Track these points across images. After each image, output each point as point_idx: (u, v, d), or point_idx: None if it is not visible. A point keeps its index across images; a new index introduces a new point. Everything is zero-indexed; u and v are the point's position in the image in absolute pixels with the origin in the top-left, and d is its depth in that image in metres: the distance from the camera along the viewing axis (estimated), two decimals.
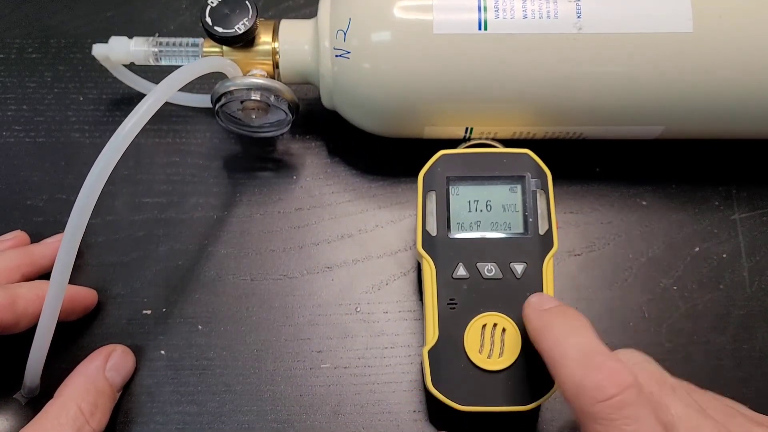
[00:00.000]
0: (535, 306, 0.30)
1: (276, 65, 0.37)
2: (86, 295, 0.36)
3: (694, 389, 0.28)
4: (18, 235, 0.37)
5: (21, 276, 0.35)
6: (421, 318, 0.36)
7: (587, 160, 0.40)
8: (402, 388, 0.35)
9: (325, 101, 0.37)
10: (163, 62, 0.38)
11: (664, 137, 0.38)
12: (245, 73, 0.37)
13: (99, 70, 0.40)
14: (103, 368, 0.33)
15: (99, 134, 0.41)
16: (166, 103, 0.32)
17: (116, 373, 0.34)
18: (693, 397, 0.27)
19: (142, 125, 0.30)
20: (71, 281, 0.30)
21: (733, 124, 0.36)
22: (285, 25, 0.37)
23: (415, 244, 0.35)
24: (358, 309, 0.37)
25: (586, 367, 0.25)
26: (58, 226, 0.39)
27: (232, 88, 0.35)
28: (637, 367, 0.27)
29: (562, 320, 0.28)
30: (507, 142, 0.38)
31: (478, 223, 0.34)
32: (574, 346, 0.26)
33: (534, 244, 0.33)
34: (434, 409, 0.35)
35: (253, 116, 0.37)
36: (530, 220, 0.33)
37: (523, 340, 0.32)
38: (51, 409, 0.30)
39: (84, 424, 0.30)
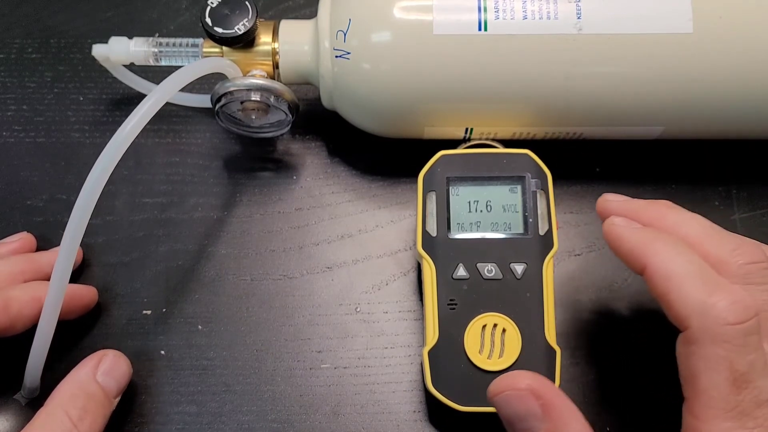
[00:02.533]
0: (624, 224, 0.29)
1: (276, 66, 0.37)
2: (86, 293, 0.36)
3: None
4: (23, 238, 0.37)
5: (24, 282, 0.34)
6: (421, 318, 0.36)
7: (587, 160, 0.40)
8: (402, 388, 0.35)
9: (325, 102, 0.37)
10: (163, 62, 0.38)
11: (664, 137, 0.38)
12: (245, 74, 0.37)
13: (99, 70, 0.40)
14: (94, 373, 0.32)
15: (99, 134, 0.41)
16: (167, 103, 0.32)
17: (109, 378, 0.33)
18: None
19: (143, 126, 0.30)
20: (71, 281, 0.30)
21: (733, 124, 0.36)
22: (285, 25, 0.37)
23: (415, 244, 0.35)
24: (358, 309, 0.37)
25: (711, 287, 0.25)
26: (58, 226, 0.39)
27: (232, 89, 0.35)
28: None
29: (666, 238, 0.27)
30: (507, 143, 0.38)
31: (478, 223, 0.34)
32: (692, 263, 0.26)
33: (534, 245, 0.33)
34: (434, 410, 0.35)
35: (253, 117, 0.37)
36: (530, 220, 0.33)
37: (523, 341, 0.32)
38: (39, 416, 0.30)
39: (72, 429, 0.29)
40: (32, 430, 0.29)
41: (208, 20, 0.35)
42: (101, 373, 0.33)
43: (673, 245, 0.27)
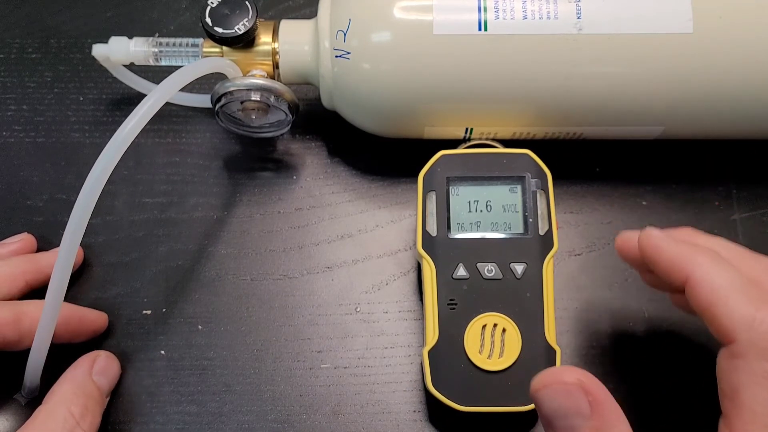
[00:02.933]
0: (660, 233, 0.28)
1: (276, 66, 0.37)
2: (96, 319, 0.36)
3: None
4: (24, 238, 0.37)
5: (25, 284, 0.34)
6: (421, 318, 0.36)
7: (587, 160, 0.40)
8: (402, 388, 0.35)
9: (325, 102, 0.37)
10: (163, 62, 0.38)
11: (664, 137, 0.38)
12: (245, 74, 0.37)
13: (99, 70, 0.40)
14: (90, 373, 0.33)
15: (99, 134, 0.41)
16: (167, 103, 0.32)
17: (103, 377, 0.33)
18: None
19: (143, 126, 0.30)
20: (71, 281, 0.30)
21: (732, 124, 0.36)
22: (285, 25, 0.37)
23: (415, 244, 0.35)
24: (358, 309, 0.37)
25: (759, 300, 0.24)
26: (58, 226, 0.39)
27: (232, 89, 0.35)
28: None
29: (706, 252, 0.27)
30: (507, 143, 0.38)
31: (478, 223, 0.34)
32: (737, 277, 0.25)
33: (534, 245, 0.33)
34: (434, 410, 0.35)
35: (253, 117, 0.37)
36: (530, 220, 0.33)
37: (523, 341, 0.32)
38: (40, 414, 0.30)
39: (75, 426, 0.30)
40: (34, 426, 0.30)
41: (208, 20, 0.35)
42: (96, 372, 0.33)
43: (716, 258, 0.26)
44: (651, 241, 0.28)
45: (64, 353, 0.34)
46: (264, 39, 0.37)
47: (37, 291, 0.35)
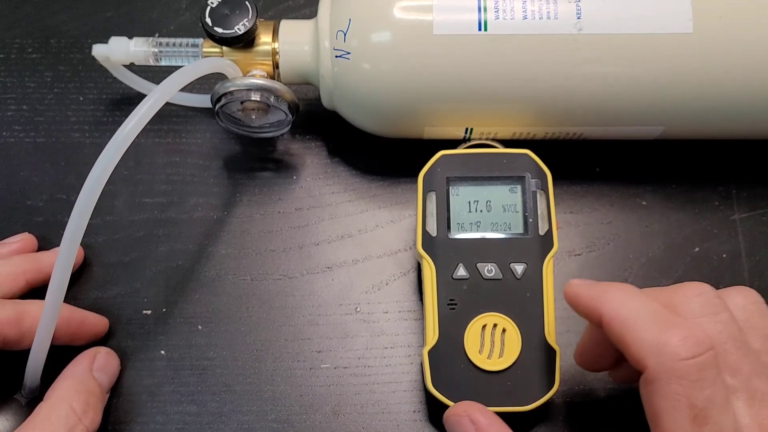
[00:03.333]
0: (580, 281, 0.29)
1: (276, 66, 0.37)
2: (96, 322, 0.36)
3: None
4: (25, 238, 0.37)
5: (26, 283, 0.34)
6: (421, 318, 0.36)
7: (587, 160, 0.40)
8: (402, 388, 0.35)
9: (325, 102, 0.37)
10: (163, 62, 0.38)
11: (664, 137, 0.38)
12: (245, 74, 0.37)
13: (99, 70, 0.40)
14: (91, 369, 0.33)
15: (99, 134, 0.41)
16: (167, 103, 0.32)
17: (103, 374, 0.34)
18: (763, 359, 0.26)
19: (143, 126, 0.30)
20: (71, 282, 0.30)
21: (733, 124, 0.36)
22: (285, 25, 0.37)
23: (415, 244, 0.35)
24: (358, 309, 0.37)
25: (665, 325, 0.25)
26: (58, 226, 0.39)
27: (232, 89, 0.35)
28: (721, 318, 0.26)
29: (617, 287, 0.28)
30: (507, 143, 0.38)
31: (478, 223, 0.34)
32: (643, 306, 0.26)
33: (534, 245, 0.33)
34: (434, 410, 0.35)
35: (253, 117, 0.37)
36: (530, 220, 0.33)
37: (523, 341, 0.32)
38: (41, 410, 0.30)
39: (77, 422, 0.30)
40: (36, 423, 0.30)
41: (208, 20, 0.35)
42: (96, 368, 0.33)
43: (625, 291, 0.27)
44: (569, 290, 0.29)
45: (64, 353, 0.34)
46: (264, 39, 0.37)
47: (37, 290, 0.35)
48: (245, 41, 0.36)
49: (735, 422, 0.24)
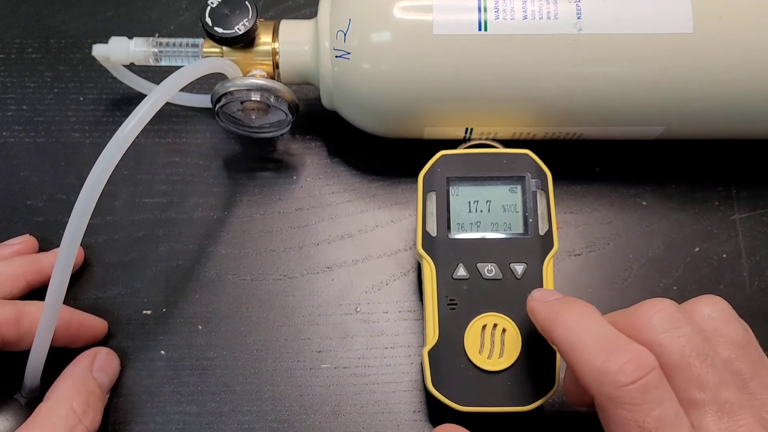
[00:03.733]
0: (539, 298, 0.29)
1: (276, 66, 0.37)
2: (95, 325, 0.36)
3: (741, 356, 0.26)
4: (25, 240, 0.37)
5: (26, 284, 0.34)
6: (421, 318, 0.36)
7: (587, 160, 0.40)
8: (402, 388, 0.35)
9: (325, 102, 0.37)
10: (163, 63, 0.38)
11: (664, 137, 0.38)
12: (245, 74, 0.37)
13: (99, 70, 0.40)
14: (91, 369, 0.33)
15: (99, 134, 0.41)
16: (167, 103, 0.32)
17: (103, 374, 0.34)
18: (734, 366, 0.26)
19: (143, 126, 0.30)
20: (71, 282, 0.30)
21: (733, 124, 0.36)
22: (285, 25, 0.37)
23: (415, 244, 0.35)
24: (358, 309, 0.37)
25: (606, 351, 0.25)
26: (58, 226, 0.39)
27: (232, 89, 0.35)
28: (683, 332, 0.26)
29: (571, 308, 0.27)
30: (507, 143, 0.38)
31: (478, 223, 0.34)
32: (590, 331, 0.26)
33: (534, 245, 0.33)
34: (434, 410, 0.35)
35: (253, 117, 0.37)
36: (530, 220, 0.33)
37: (523, 341, 0.32)
38: (42, 410, 0.30)
39: (77, 422, 0.30)
40: (36, 423, 0.30)
41: (208, 20, 0.35)
42: (96, 369, 0.33)
43: (577, 313, 0.27)
44: (529, 305, 0.29)
45: (64, 354, 0.34)
46: (264, 39, 0.37)
47: (38, 291, 0.35)
48: (245, 41, 0.36)
49: None
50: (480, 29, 0.33)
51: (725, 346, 0.26)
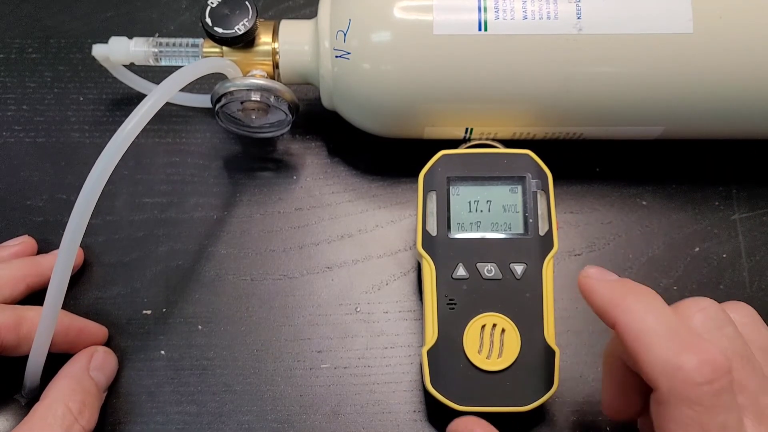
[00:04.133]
0: (597, 276, 0.28)
1: (276, 66, 0.37)
2: (95, 331, 0.36)
3: None
4: (25, 241, 0.37)
5: (26, 287, 0.34)
6: (421, 318, 0.36)
7: (587, 160, 0.40)
8: (402, 388, 0.35)
9: (325, 102, 0.37)
10: (163, 62, 0.38)
11: (664, 137, 0.38)
12: (245, 74, 0.37)
13: (99, 70, 0.40)
14: (87, 368, 0.33)
15: (99, 134, 0.41)
16: (167, 103, 0.32)
17: (100, 373, 0.34)
18: (765, 372, 0.25)
19: (143, 126, 0.30)
20: (71, 282, 0.30)
21: (733, 124, 0.36)
22: (285, 25, 0.37)
23: (415, 244, 0.35)
24: (358, 309, 0.37)
25: (681, 345, 0.24)
26: (58, 226, 0.39)
27: (232, 89, 0.35)
28: (726, 333, 0.25)
29: (639, 292, 0.26)
30: (507, 143, 0.38)
31: (479, 223, 0.34)
32: (662, 320, 0.25)
33: (534, 245, 0.33)
34: (434, 410, 0.35)
35: (253, 117, 0.37)
36: (530, 220, 0.33)
37: (522, 341, 0.32)
38: (38, 410, 0.30)
39: (73, 422, 0.30)
40: (33, 422, 0.30)
41: (208, 20, 0.35)
42: (93, 368, 0.33)
43: (645, 300, 0.26)
44: (585, 282, 0.28)
45: (64, 354, 0.34)
46: (264, 39, 0.37)
47: (38, 294, 0.35)
48: (245, 41, 0.36)
49: None
50: (480, 29, 0.33)
51: (755, 352, 0.26)
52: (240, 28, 0.35)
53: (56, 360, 0.33)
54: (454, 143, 0.38)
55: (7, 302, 0.33)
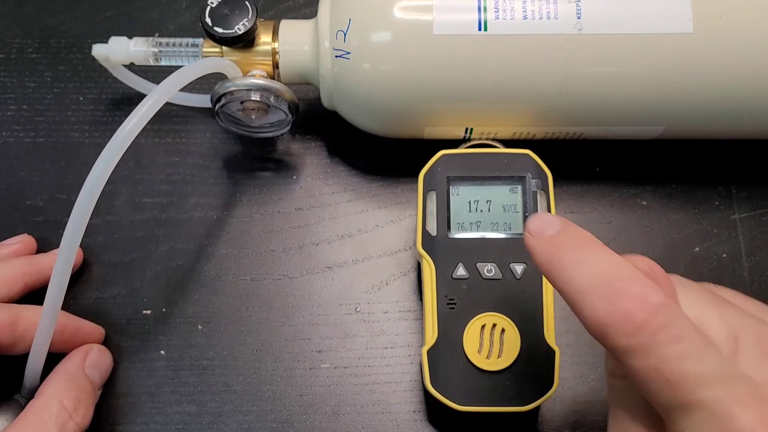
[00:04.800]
0: (536, 232, 0.25)
1: (276, 65, 0.37)
2: (92, 331, 0.36)
3: None
4: (24, 240, 0.37)
5: (24, 285, 0.34)
6: (421, 318, 0.36)
7: (587, 160, 0.40)
8: (402, 388, 0.35)
9: (325, 102, 0.37)
10: (163, 62, 0.38)
11: (664, 137, 0.38)
12: (245, 74, 0.37)
13: (99, 70, 0.40)
14: (82, 366, 0.33)
15: (99, 134, 0.41)
16: (166, 103, 0.32)
17: (95, 371, 0.34)
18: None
19: (143, 126, 0.30)
20: (71, 283, 0.30)
21: (732, 124, 0.36)
22: (285, 25, 0.37)
23: (415, 244, 0.35)
24: (358, 309, 0.37)
25: (607, 300, 0.22)
26: (58, 226, 0.39)
27: (231, 89, 0.35)
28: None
29: (570, 248, 0.24)
30: (507, 143, 0.38)
31: (478, 223, 0.34)
32: (590, 277, 0.22)
33: None
34: (434, 410, 0.35)
35: (253, 117, 0.37)
36: None
37: (522, 341, 0.32)
38: (33, 407, 0.30)
39: (68, 419, 0.30)
40: (28, 419, 0.30)
41: (208, 20, 0.35)
42: (88, 365, 0.33)
43: (577, 249, 0.24)
44: (526, 241, 0.25)
45: (64, 354, 0.34)
46: (264, 39, 0.37)
47: (36, 293, 0.35)
48: (245, 41, 0.36)
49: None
50: (480, 29, 0.33)
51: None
52: (240, 28, 0.35)
53: (56, 360, 0.33)
54: (454, 143, 0.38)
55: (4, 301, 0.33)
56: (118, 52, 0.37)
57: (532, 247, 0.25)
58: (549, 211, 0.34)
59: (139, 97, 0.38)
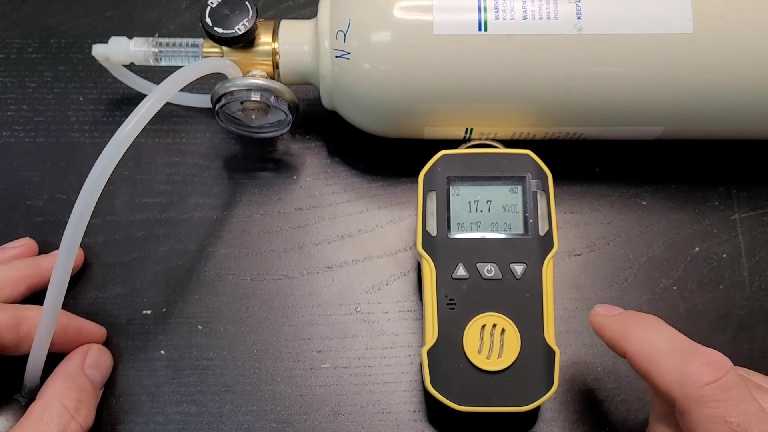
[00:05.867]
0: (604, 312, 0.31)
1: (276, 66, 0.37)
2: (94, 331, 0.36)
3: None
4: (26, 243, 0.37)
5: (27, 288, 0.34)
6: (421, 318, 0.36)
7: (587, 160, 0.40)
8: (402, 388, 0.36)
9: (325, 102, 0.37)
10: (163, 62, 0.38)
11: (664, 137, 0.38)
12: (245, 74, 0.37)
13: (99, 70, 0.40)
14: (82, 366, 0.33)
15: (99, 134, 0.41)
16: (167, 103, 0.32)
17: (96, 371, 0.34)
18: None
19: (143, 126, 0.30)
20: (71, 283, 0.30)
21: (732, 124, 0.36)
22: (285, 25, 0.37)
23: (415, 244, 0.35)
24: (358, 309, 0.37)
25: (684, 355, 0.26)
26: (58, 226, 0.39)
27: (232, 89, 0.35)
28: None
29: (640, 320, 0.29)
30: (507, 143, 0.38)
31: (478, 223, 0.34)
32: (665, 339, 0.28)
33: (534, 245, 0.33)
34: (434, 410, 0.35)
35: (253, 117, 0.37)
36: (530, 220, 0.33)
37: (522, 341, 0.32)
38: (34, 409, 0.30)
39: (70, 420, 0.30)
40: (30, 422, 0.30)
41: (208, 20, 0.35)
42: (88, 365, 0.33)
43: (649, 325, 0.29)
44: (595, 320, 0.31)
45: (64, 354, 0.34)
46: (264, 39, 0.37)
47: (38, 295, 0.35)
48: (245, 41, 0.36)
49: None
50: (480, 29, 0.33)
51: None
52: (240, 28, 0.35)
53: (56, 360, 0.33)
54: (454, 143, 0.38)
55: (7, 303, 0.33)
56: (118, 52, 0.37)
57: (603, 322, 0.30)
58: (549, 211, 0.34)
59: (139, 97, 0.38)
